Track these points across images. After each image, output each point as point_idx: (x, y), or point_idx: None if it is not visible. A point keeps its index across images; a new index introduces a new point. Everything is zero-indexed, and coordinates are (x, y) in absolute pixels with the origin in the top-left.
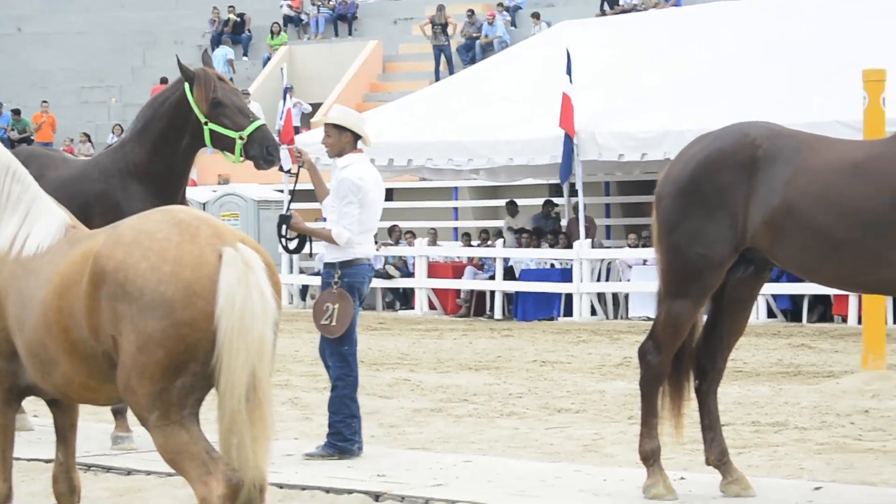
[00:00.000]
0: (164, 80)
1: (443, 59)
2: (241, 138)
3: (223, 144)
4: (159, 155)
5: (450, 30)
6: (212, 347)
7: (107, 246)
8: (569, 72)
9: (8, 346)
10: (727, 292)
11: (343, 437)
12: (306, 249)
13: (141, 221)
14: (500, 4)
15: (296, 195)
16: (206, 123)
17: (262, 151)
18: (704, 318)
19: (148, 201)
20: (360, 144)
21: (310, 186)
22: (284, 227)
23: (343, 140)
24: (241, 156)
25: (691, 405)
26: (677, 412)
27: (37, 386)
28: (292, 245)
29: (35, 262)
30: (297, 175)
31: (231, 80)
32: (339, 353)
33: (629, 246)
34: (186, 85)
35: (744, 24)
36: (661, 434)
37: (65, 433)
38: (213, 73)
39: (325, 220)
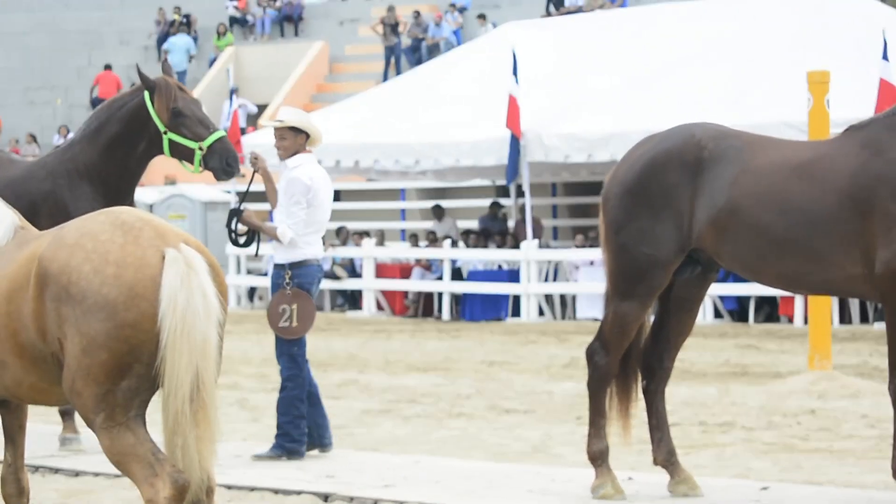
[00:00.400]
0: (107, 67)
1: (391, 60)
2: (200, 149)
3: (182, 154)
4: (112, 158)
5: (400, 29)
6: (156, 349)
7: (51, 248)
8: (515, 73)
9: None
10: (674, 293)
11: (291, 437)
12: (252, 249)
13: (84, 223)
14: (453, 5)
15: (247, 196)
16: (165, 133)
17: (221, 163)
18: (652, 318)
19: (96, 202)
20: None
21: (261, 188)
22: (235, 220)
23: (298, 142)
24: (200, 166)
25: (639, 405)
26: (625, 412)
27: None
28: (241, 240)
29: None
30: (251, 178)
31: (184, 74)
32: (288, 354)
33: (576, 247)
34: (146, 93)
35: (690, 26)
36: (610, 434)
37: (13, 434)
38: (174, 82)
39: (271, 219)
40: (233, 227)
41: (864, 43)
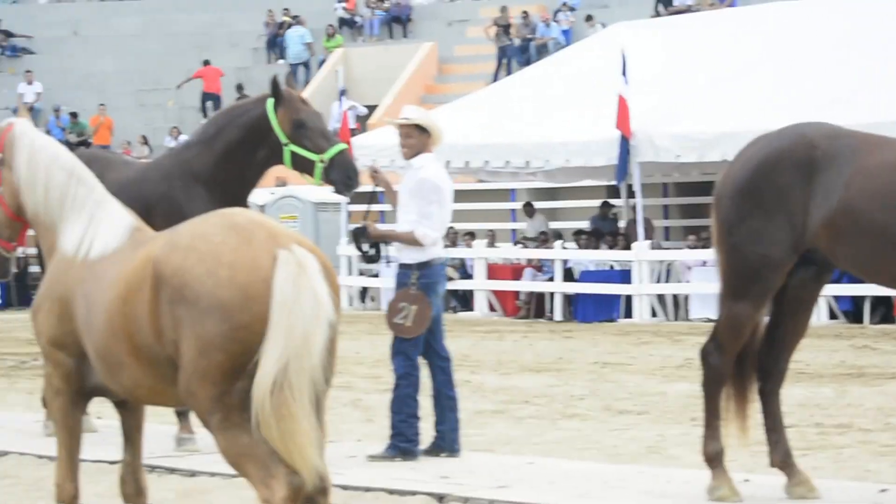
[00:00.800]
0: (206, 63)
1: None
2: (321, 161)
3: (303, 166)
4: (229, 164)
5: (512, 31)
6: None
7: (164, 250)
8: (624, 73)
9: (77, 348)
10: (788, 293)
11: (405, 437)
12: (383, 259)
13: (197, 225)
14: (565, 4)
15: (356, 197)
16: (286, 144)
17: (342, 176)
18: (766, 319)
19: (211, 205)
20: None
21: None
22: (362, 239)
23: (422, 141)
24: (321, 179)
25: (755, 407)
26: (742, 414)
27: (105, 387)
28: (371, 252)
29: (101, 265)
30: (372, 194)
31: (307, 64)
32: (403, 353)
33: (688, 247)
34: (269, 104)
35: (800, 24)
36: (726, 436)
37: (131, 434)
38: (298, 95)
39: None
40: (362, 247)
41: None
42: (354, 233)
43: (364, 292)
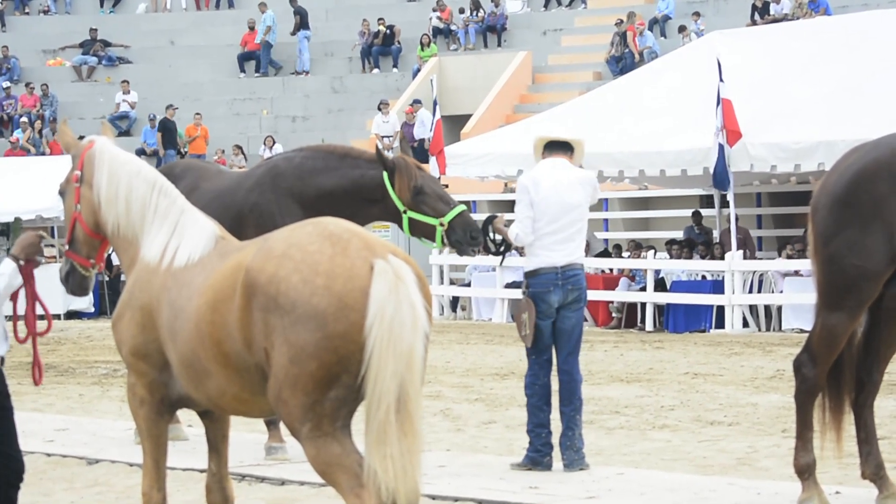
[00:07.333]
0: (251, 27)
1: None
2: (441, 224)
3: (422, 231)
4: (336, 203)
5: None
6: (363, 359)
7: (258, 258)
8: (721, 80)
9: (160, 357)
10: (884, 304)
11: (534, 447)
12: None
13: (292, 234)
14: (668, 17)
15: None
16: (405, 212)
17: (465, 236)
18: (860, 330)
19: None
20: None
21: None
22: (490, 228)
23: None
24: (442, 242)
25: (847, 418)
26: (837, 425)
27: (189, 397)
28: (500, 247)
29: (186, 273)
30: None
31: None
32: (529, 363)
33: (785, 257)
34: (385, 175)
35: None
36: (817, 448)
37: (217, 444)
38: (412, 161)
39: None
40: (490, 237)
41: None
42: (486, 221)
43: (455, 301)
